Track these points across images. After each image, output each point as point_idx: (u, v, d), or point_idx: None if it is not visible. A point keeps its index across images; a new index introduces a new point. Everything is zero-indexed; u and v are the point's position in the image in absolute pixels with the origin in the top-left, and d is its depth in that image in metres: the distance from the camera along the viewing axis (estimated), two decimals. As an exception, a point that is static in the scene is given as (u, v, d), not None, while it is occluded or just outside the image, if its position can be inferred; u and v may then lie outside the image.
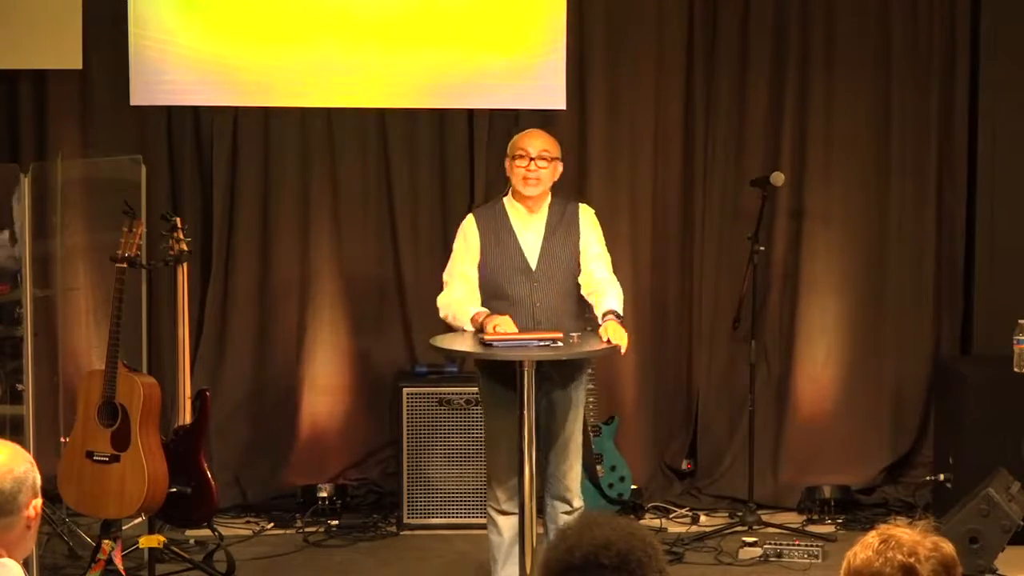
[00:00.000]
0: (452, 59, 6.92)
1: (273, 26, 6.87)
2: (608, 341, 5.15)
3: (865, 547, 2.57)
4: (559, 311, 5.37)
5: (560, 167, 5.47)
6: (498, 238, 5.41)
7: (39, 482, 2.88)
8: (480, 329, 5.29)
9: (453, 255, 5.51)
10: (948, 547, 2.56)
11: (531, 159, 5.39)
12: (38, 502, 2.86)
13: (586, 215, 5.47)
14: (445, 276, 5.54)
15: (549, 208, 5.45)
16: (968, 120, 7.05)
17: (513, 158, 5.43)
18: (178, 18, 6.88)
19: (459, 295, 5.42)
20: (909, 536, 2.55)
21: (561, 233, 5.41)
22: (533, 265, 5.38)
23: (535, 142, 5.44)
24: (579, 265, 5.41)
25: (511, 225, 5.42)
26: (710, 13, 7.05)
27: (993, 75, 6.95)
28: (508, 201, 5.48)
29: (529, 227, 5.42)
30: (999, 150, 6.97)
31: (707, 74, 7.07)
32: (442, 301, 5.48)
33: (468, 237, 5.45)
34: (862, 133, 7.07)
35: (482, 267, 5.41)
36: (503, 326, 5.23)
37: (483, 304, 5.37)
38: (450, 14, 6.91)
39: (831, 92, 7.04)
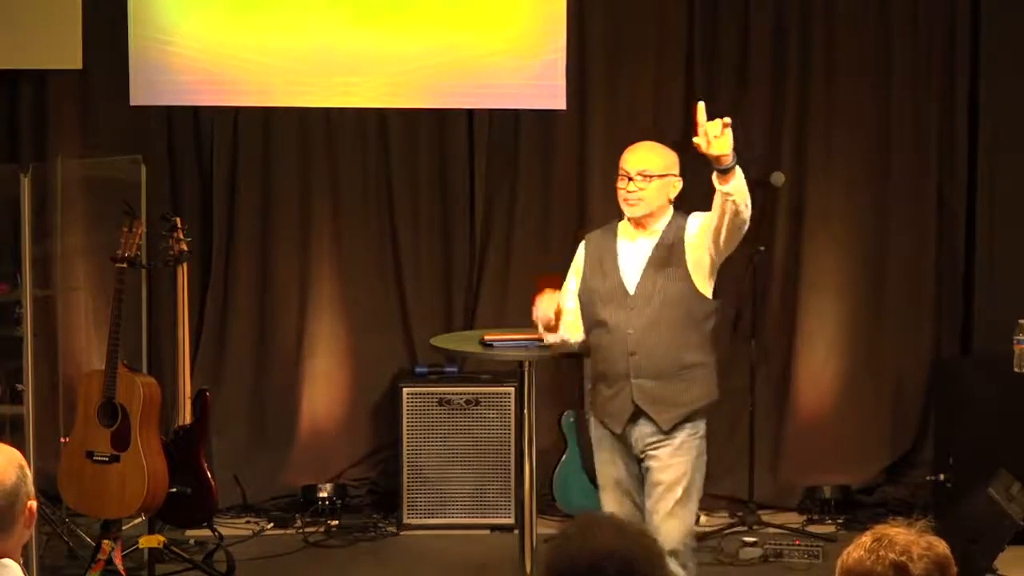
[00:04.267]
0: (452, 59, 6.92)
1: (273, 26, 6.88)
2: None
3: (858, 546, 2.56)
4: (661, 342, 4.72)
5: (676, 183, 4.81)
6: (601, 262, 4.85)
7: (31, 481, 2.89)
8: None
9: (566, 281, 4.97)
10: (942, 546, 2.55)
11: (629, 178, 4.79)
12: (33, 503, 2.87)
13: (691, 220, 4.79)
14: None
15: (666, 228, 4.80)
16: (968, 120, 7.05)
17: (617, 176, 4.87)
18: (178, 18, 6.88)
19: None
20: (903, 535, 2.54)
21: (666, 253, 4.77)
22: (632, 290, 4.76)
23: (632, 158, 4.83)
24: (694, 285, 4.74)
25: (616, 247, 4.84)
26: (710, 13, 7.05)
27: (993, 75, 6.95)
28: (623, 221, 4.89)
29: (636, 249, 4.81)
30: (999, 150, 6.97)
31: (707, 74, 7.06)
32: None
33: (576, 261, 4.95)
34: (862, 133, 7.06)
35: (582, 292, 4.87)
36: (543, 305, 4.76)
37: (585, 332, 4.86)
38: (450, 14, 6.91)
39: (831, 92, 7.04)
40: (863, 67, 7.02)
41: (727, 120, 4.46)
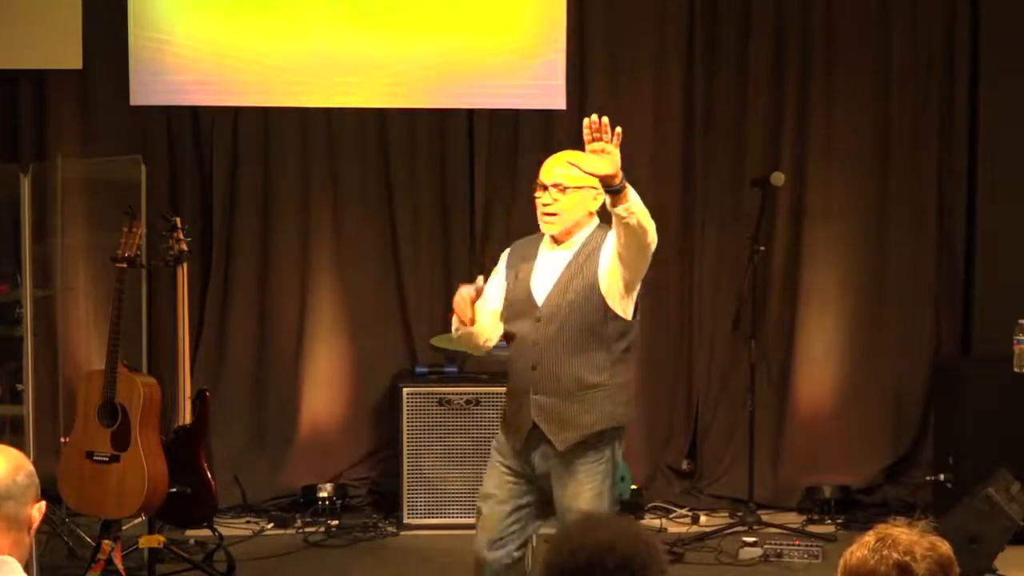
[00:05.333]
0: (452, 59, 6.92)
1: (273, 26, 6.88)
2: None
3: (861, 546, 2.56)
4: (563, 358, 4.49)
5: (598, 195, 4.45)
6: (518, 271, 4.61)
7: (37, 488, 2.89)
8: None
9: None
10: (945, 547, 2.56)
11: (544, 188, 4.52)
12: (42, 505, 2.86)
13: (610, 235, 4.44)
14: None
15: (584, 242, 4.55)
16: (968, 119, 7.05)
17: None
18: (178, 18, 6.88)
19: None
20: (906, 535, 2.54)
21: (579, 268, 4.52)
22: (540, 303, 4.53)
23: (545, 168, 4.55)
24: (605, 303, 4.48)
25: (536, 258, 4.60)
26: (710, 13, 7.05)
27: (993, 74, 6.96)
28: None
29: (553, 261, 4.57)
30: (999, 150, 6.98)
31: (707, 74, 7.07)
32: None
33: (498, 266, 4.73)
34: (862, 133, 7.07)
35: (504, 302, 4.64)
36: (461, 298, 4.46)
37: (506, 342, 4.66)
38: (450, 14, 6.91)
39: (831, 92, 7.05)
40: (863, 67, 7.03)
41: (618, 130, 4.21)
